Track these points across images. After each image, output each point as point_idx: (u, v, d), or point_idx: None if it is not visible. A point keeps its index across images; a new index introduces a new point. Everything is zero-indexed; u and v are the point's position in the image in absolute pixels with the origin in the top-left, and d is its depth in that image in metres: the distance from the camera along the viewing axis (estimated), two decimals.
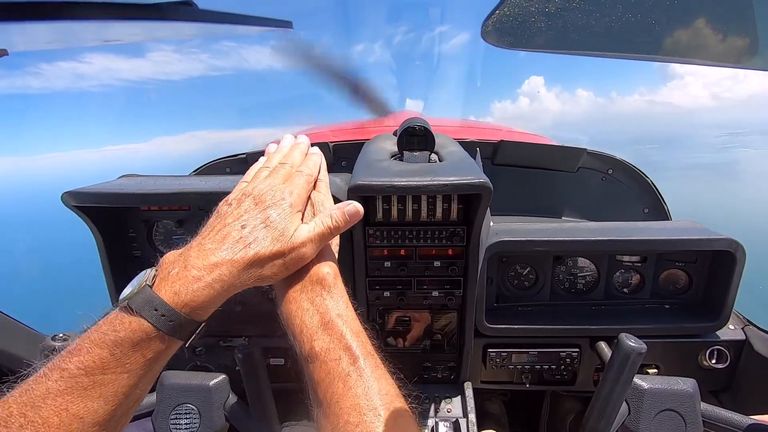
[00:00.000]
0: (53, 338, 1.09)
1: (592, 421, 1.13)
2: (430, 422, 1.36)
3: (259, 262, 0.65)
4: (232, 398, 1.19)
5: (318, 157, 0.84)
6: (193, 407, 1.15)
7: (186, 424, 1.14)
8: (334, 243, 0.82)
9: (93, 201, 1.25)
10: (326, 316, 0.68)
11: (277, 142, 0.88)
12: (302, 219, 0.72)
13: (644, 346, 1.10)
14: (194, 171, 2.07)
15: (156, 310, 0.59)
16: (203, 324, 0.66)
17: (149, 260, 1.45)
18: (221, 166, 2.07)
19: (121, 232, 1.41)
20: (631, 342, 1.10)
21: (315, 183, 0.79)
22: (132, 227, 1.42)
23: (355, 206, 0.75)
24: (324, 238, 0.71)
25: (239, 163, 2.06)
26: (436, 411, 1.41)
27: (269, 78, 41.72)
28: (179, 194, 1.26)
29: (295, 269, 0.70)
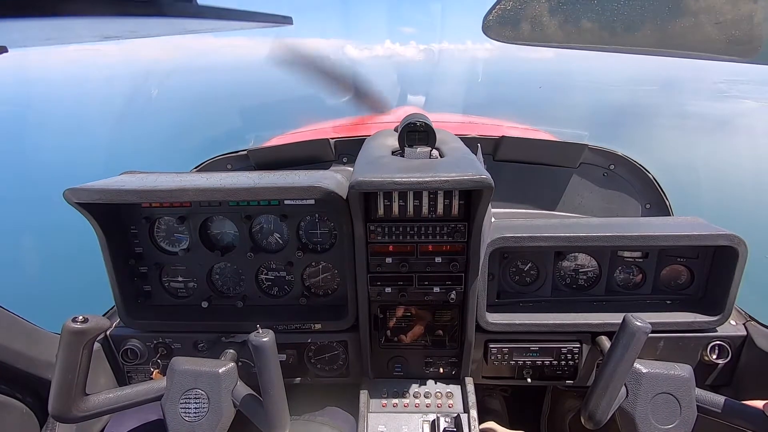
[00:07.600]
0: (73, 320, 1.09)
1: (594, 400, 1.13)
2: (432, 417, 1.37)
3: None
4: (241, 386, 1.21)
5: None
6: (203, 392, 1.17)
7: (195, 408, 1.17)
8: None
9: (95, 198, 1.26)
10: None
11: None
12: None
13: (649, 326, 1.10)
14: (195, 167, 2.07)
15: None
16: None
17: (151, 256, 1.47)
18: (222, 163, 2.07)
19: (122, 228, 1.42)
20: (637, 322, 1.11)
21: None
22: (134, 224, 1.43)
23: None
24: None
25: (241, 160, 2.06)
26: (438, 406, 1.42)
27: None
28: (180, 191, 1.26)
29: None
